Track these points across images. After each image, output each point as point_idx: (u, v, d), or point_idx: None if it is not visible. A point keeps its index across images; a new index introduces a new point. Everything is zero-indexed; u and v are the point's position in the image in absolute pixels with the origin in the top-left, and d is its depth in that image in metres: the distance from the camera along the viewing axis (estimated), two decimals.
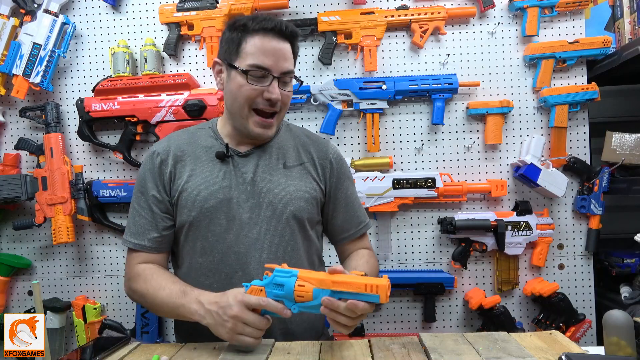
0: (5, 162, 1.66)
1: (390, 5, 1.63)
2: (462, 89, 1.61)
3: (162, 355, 0.90)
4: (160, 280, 1.01)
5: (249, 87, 1.01)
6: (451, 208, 1.64)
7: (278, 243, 1.05)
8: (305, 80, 1.65)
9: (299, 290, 0.81)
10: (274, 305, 0.83)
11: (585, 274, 1.63)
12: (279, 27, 1.01)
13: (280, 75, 1.02)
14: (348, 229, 1.15)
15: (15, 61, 1.58)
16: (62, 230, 1.57)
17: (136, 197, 1.09)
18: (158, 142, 1.17)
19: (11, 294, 1.73)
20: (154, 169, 1.08)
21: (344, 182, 1.15)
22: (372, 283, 0.76)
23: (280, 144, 1.12)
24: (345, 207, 1.14)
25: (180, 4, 1.61)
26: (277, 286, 0.83)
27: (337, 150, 1.18)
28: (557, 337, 0.92)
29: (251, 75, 1.00)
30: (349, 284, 0.77)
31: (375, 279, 0.77)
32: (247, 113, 1.03)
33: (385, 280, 0.77)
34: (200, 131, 1.14)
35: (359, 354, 0.86)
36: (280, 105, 1.04)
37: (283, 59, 1.02)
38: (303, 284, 0.81)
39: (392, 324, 1.68)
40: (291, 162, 1.11)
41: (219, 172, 1.06)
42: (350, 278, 0.79)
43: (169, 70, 1.68)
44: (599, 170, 1.58)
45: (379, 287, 0.75)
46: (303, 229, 1.09)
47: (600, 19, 1.70)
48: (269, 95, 1.00)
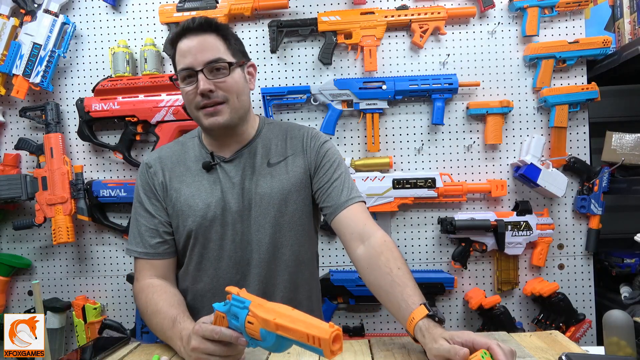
0: (5, 162, 1.66)
1: (390, 5, 1.63)
2: (462, 89, 1.61)
3: (162, 355, 0.90)
4: (158, 302, 0.98)
5: (184, 91, 1.03)
6: (451, 208, 1.64)
7: (269, 243, 1.06)
8: (305, 80, 1.66)
9: (248, 328, 0.71)
10: (227, 336, 0.75)
11: (585, 274, 1.63)
12: (187, 26, 1.01)
13: (204, 66, 1.00)
14: (334, 203, 1.06)
15: (15, 61, 1.58)
16: (62, 230, 1.57)
17: (135, 209, 1.11)
18: (150, 153, 1.17)
19: (11, 294, 1.73)
20: (146, 180, 1.10)
21: (322, 160, 1.10)
22: (315, 335, 0.62)
23: (263, 143, 1.11)
24: (329, 184, 1.08)
25: (180, 4, 1.62)
26: (234, 316, 0.74)
27: (315, 133, 1.14)
28: (557, 337, 0.92)
29: (181, 81, 1.03)
30: (292, 331, 0.65)
31: (320, 328, 0.62)
32: (197, 114, 1.04)
33: (327, 333, 0.60)
34: (189, 142, 1.15)
35: (359, 354, 0.86)
36: (221, 95, 1.01)
37: (201, 51, 1.00)
38: (252, 321, 0.71)
39: (392, 324, 1.67)
40: (275, 159, 1.10)
41: (209, 181, 1.07)
42: (294, 323, 0.65)
43: (169, 70, 1.68)
44: (599, 170, 1.58)
45: (320, 340, 0.61)
46: (294, 225, 1.08)
47: (600, 19, 1.70)
48: (198, 90, 1.00)
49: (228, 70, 1.02)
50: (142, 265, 1.07)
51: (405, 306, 0.85)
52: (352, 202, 1.05)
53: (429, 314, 0.80)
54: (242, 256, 1.06)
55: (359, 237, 1.00)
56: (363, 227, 1.01)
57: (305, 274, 1.12)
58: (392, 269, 0.91)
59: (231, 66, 1.02)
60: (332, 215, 1.06)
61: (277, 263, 1.07)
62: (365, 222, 1.02)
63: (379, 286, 0.93)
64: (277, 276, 1.07)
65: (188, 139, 1.16)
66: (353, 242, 1.01)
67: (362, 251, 0.98)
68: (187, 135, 1.19)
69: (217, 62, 1.01)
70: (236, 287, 0.77)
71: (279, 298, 1.07)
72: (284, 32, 1.61)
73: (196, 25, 1.01)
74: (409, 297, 0.86)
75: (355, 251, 1.00)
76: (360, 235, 1.00)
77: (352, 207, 1.04)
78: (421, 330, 0.79)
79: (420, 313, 0.81)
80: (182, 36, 1.02)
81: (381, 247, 0.96)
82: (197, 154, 1.11)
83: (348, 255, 1.03)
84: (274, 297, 1.07)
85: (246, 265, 1.06)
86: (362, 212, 1.05)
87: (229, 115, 1.03)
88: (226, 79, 1.02)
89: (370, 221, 1.03)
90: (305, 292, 1.12)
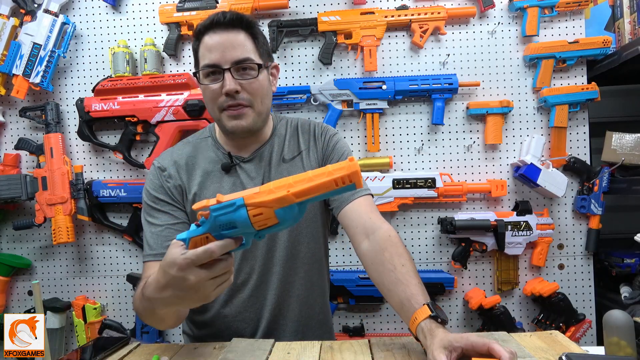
0: (5, 162, 1.66)
1: (390, 5, 1.63)
2: (462, 89, 1.61)
3: (162, 355, 0.90)
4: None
5: (208, 88, 0.99)
6: (451, 208, 1.64)
7: (288, 240, 1.06)
8: (305, 80, 1.66)
9: (258, 221, 0.64)
10: (226, 247, 0.67)
11: (585, 274, 1.63)
12: (217, 19, 0.97)
13: (232, 65, 0.96)
14: (341, 196, 1.05)
15: (15, 61, 1.58)
16: (62, 230, 1.57)
17: (148, 214, 1.05)
18: (160, 157, 1.11)
19: (11, 294, 1.73)
20: (160, 183, 1.05)
21: (332, 153, 1.10)
22: (343, 175, 0.60)
23: (278, 140, 1.11)
24: None
25: (180, 4, 1.62)
26: (226, 226, 0.65)
27: (324, 126, 1.14)
28: (557, 337, 0.92)
29: (205, 76, 0.99)
30: (317, 188, 0.61)
31: (342, 167, 0.61)
32: (218, 115, 1.01)
33: (354, 166, 0.60)
34: (201, 142, 1.11)
35: (359, 354, 0.86)
36: (246, 97, 0.98)
37: (231, 49, 0.96)
38: (259, 212, 0.64)
39: (392, 324, 1.67)
40: (289, 155, 1.09)
41: (229, 183, 1.06)
42: (312, 181, 0.62)
43: (169, 70, 1.68)
44: (599, 170, 1.58)
45: (351, 176, 0.59)
46: (310, 221, 1.08)
47: (600, 19, 1.69)
48: (224, 90, 0.97)
49: (257, 72, 0.99)
50: (148, 267, 0.99)
51: (408, 305, 0.84)
52: (359, 195, 1.02)
53: (432, 315, 0.79)
54: (265, 255, 1.05)
55: (364, 230, 0.98)
56: (368, 221, 0.99)
57: (320, 271, 1.13)
58: (395, 265, 0.90)
59: (260, 68, 0.99)
60: (338, 208, 1.04)
61: (295, 260, 1.07)
62: (370, 216, 1.00)
63: (382, 284, 0.92)
64: (295, 274, 1.07)
65: (199, 139, 1.12)
66: (358, 236, 0.99)
67: (367, 246, 0.97)
68: (197, 135, 1.15)
69: (245, 62, 0.97)
70: (202, 202, 0.68)
71: (295, 296, 1.08)
72: (284, 32, 1.61)
73: (227, 21, 0.97)
74: (412, 296, 0.85)
75: (360, 246, 0.99)
76: (365, 229, 0.98)
77: (358, 201, 1.02)
78: (423, 331, 0.79)
79: (423, 314, 0.80)
80: (209, 29, 0.97)
81: (385, 243, 0.94)
82: (212, 155, 1.08)
83: (354, 249, 1.02)
84: (291, 295, 1.08)
85: (269, 263, 1.06)
86: (367, 205, 1.02)
87: (252, 120, 1.00)
88: (254, 80, 0.98)
89: (375, 214, 1.01)
90: (319, 290, 1.13)
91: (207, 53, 0.97)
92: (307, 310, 1.10)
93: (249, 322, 1.07)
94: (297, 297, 1.07)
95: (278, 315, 1.07)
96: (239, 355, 0.86)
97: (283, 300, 1.07)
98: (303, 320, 1.09)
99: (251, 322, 1.07)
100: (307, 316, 1.10)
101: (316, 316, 1.12)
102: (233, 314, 1.07)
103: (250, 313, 1.07)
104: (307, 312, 1.10)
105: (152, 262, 0.99)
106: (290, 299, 1.08)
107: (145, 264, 1.01)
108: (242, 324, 1.07)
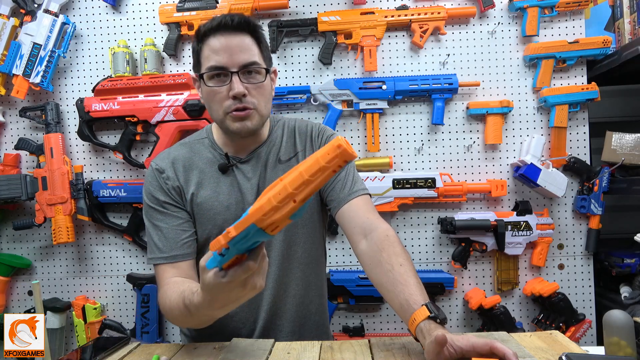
0: (5, 162, 1.66)
1: (390, 5, 1.63)
2: (462, 89, 1.61)
3: (162, 355, 0.90)
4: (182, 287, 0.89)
5: (214, 91, 0.98)
6: (451, 208, 1.64)
7: (283, 240, 1.06)
8: (305, 80, 1.66)
9: (274, 231, 0.62)
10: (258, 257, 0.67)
11: (585, 274, 1.63)
12: (225, 21, 0.96)
13: (240, 68, 0.96)
14: (338, 196, 1.05)
15: (15, 61, 1.58)
16: (62, 230, 1.57)
17: (151, 216, 1.05)
18: (157, 158, 1.10)
19: (11, 294, 1.73)
20: (159, 185, 1.06)
21: None
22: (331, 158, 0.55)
23: (274, 141, 1.11)
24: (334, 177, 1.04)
25: (180, 4, 1.62)
26: (249, 247, 0.66)
27: (322, 127, 1.14)
28: (557, 337, 0.91)
29: (211, 78, 0.99)
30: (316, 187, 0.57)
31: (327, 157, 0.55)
32: (222, 117, 1.00)
33: (335, 145, 0.55)
34: (198, 143, 1.11)
35: (359, 354, 0.86)
36: (252, 100, 0.99)
37: (238, 52, 0.96)
38: (275, 225, 0.61)
39: (392, 324, 1.67)
40: (285, 156, 1.09)
41: (226, 183, 1.06)
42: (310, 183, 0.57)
43: (169, 70, 1.68)
44: (599, 170, 1.58)
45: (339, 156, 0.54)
46: (306, 222, 1.08)
47: (600, 19, 1.70)
48: (232, 92, 0.97)
49: (264, 76, 1.00)
50: (163, 271, 1.01)
51: (407, 306, 0.84)
52: (356, 195, 1.03)
53: (430, 315, 0.79)
54: None
55: (362, 230, 0.98)
56: (365, 220, 0.98)
57: (316, 271, 1.12)
58: (393, 265, 0.89)
59: (267, 72, 1.01)
60: (336, 208, 1.04)
61: (291, 261, 1.07)
62: (367, 215, 1.00)
63: (380, 284, 0.91)
64: (291, 274, 1.07)
65: (195, 140, 1.13)
66: (355, 236, 0.99)
67: (364, 246, 0.96)
68: (193, 137, 1.15)
69: (252, 65, 0.98)
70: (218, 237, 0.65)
71: (292, 297, 1.07)
72: (284, 32, 1.61)
73: (235, 24, 0.96)
74: (411, 296, 0.84)
75: (357, 246, 0.98)
76: (363, 228, 0.98)
77: (356, 200, 1.02)
78: (422, 332, 0.79)
79: (422, 314, 0.80)
80: (216, 32, 0.97)
81: (383, 243, 0.93)
82: (209, 156, 1.09)
83: (352, 249, 1.01)
84: (287, 295, 1.08)
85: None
86: (365, 205, 1.02)
87: (256, 122, 1.01)
88: (260, 84, 0.99)
89: (373, 214, 1.01)
90: (316, 290, 1.12)
91: (213, 55, 0.97)
92: (304, 311, 1.10)
93: (245, 322, 1.07)
94: (294, 297, 1.07)
95: (274, 316, 1.07)
96: (239, 355, 0.86)
97: (279, 300, 1.07)
98: (299, 321, 1.09)
99: (247, 322, 1.07)
100: (303, 316, 1.10)
101: (312, 317, 1.12)
102: (229, 314, 1.06)
103: (246, 313, 1.07)
104: (303, 313, 1.10)
105: (164, 264, 1.01)
106: (286, 300, 1.08)
107: (157, 267, 1.02)
108: (239, 324, 1.07)
